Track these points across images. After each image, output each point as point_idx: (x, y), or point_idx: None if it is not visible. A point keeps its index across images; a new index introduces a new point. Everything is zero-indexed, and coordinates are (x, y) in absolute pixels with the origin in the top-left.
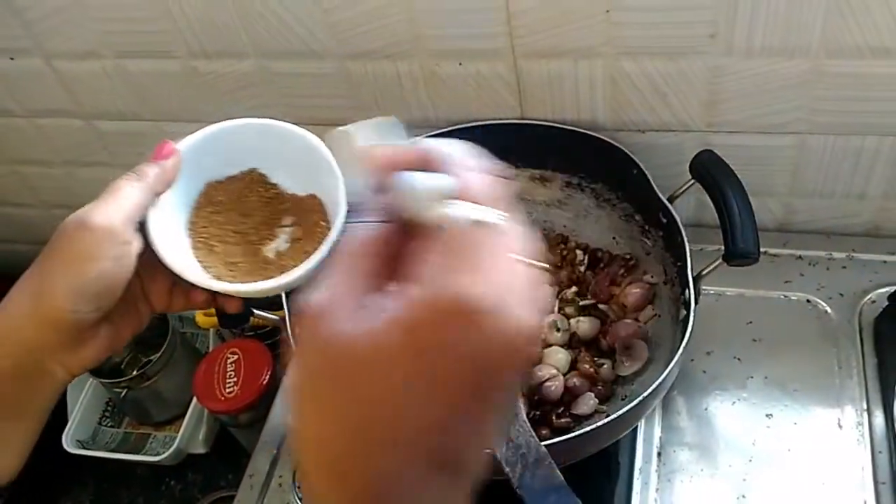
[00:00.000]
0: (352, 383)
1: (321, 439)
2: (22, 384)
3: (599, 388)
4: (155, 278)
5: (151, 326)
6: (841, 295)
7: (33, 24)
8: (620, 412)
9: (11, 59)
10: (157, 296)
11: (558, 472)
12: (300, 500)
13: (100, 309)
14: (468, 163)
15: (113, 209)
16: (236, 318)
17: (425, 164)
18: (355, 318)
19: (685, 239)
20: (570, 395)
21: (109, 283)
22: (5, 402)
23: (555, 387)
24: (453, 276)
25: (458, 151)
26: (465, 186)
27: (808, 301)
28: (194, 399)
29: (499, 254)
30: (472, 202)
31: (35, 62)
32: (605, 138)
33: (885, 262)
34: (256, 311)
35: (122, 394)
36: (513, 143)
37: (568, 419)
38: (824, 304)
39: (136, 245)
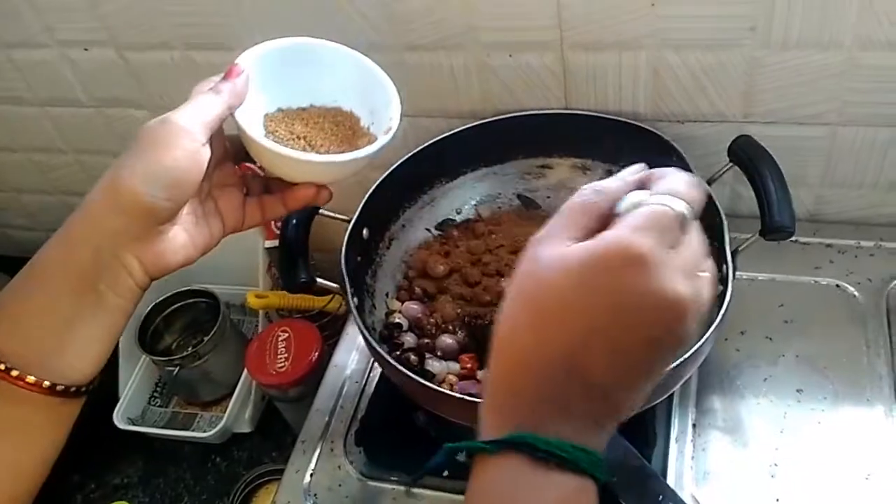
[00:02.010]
0: (533, 286)
1: (508, 314)
2: (101, 274)
3: None
4: (228, 195)
5: (203, 311)
6: (869, 280)
7: (109, 17)
8: None
9: (86, 49)
10: (229, 212)
11: None
12: (351, 463)
13: (171, 199)
14: (674, 173)
15: (191, 113)
16: (302, 284)
17: (650, 183)
18: (556, 249)
19: (723, 216)
20: None
21: (182, 175)
22: (85, 294)
23: None
24: (634, 233)
25: (674, 172)
26: (664, 185)
27: (837, 286)
28: (241, 380)
29: (681, 237)
30: (667, 195)
31: (107, 53)
32: (646, 126)
33: None
34: (319, 280)
35: (174, 372)
36: (557, 132)
37: None
38: (853, 289)
39: (208, 149)
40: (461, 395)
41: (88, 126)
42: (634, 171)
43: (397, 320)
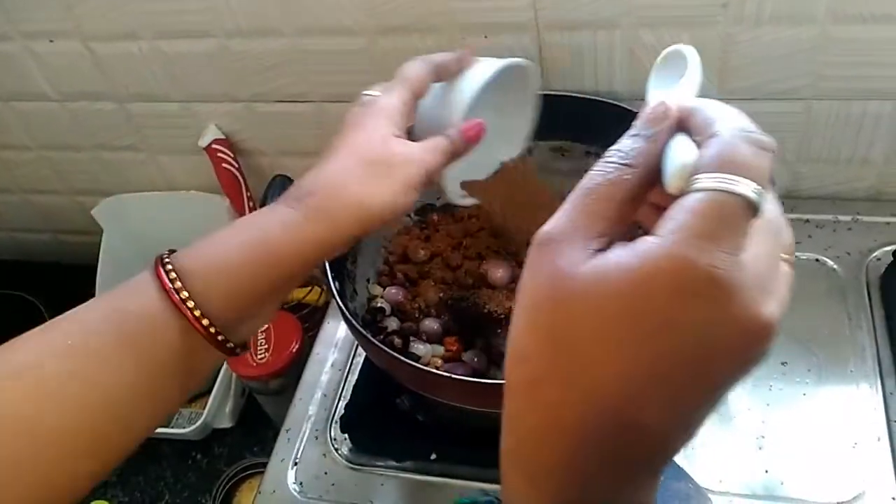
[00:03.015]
0: (560, 317)
1: (523, 354)
2: (329, 253)
3: None
4: None
5: None
6: (848, 254)
7: (75, 7)
8: None
9: (51, 41)
10: None
11: None
12: (336, 450)
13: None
14: (731, 130)
15: (419, 164)
16: None
17: (689, 125)
18: (582, 258)
19: None
20: None
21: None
22: (302, 272)
23: None
24: (703, 246)
25: (724, 116)
26: (721, 155)
27: (816, 260)
28: (220, 374)
29: (756, 236)
30: (728, 173)
31: (73, 44)
32: (624, 106)
33: (888, 223)
34: None
35: None
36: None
37: None
38: (832, 263)
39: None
40: (451, 375)
41: (54, 121)
42: (659, 117)
43: (380, 305)
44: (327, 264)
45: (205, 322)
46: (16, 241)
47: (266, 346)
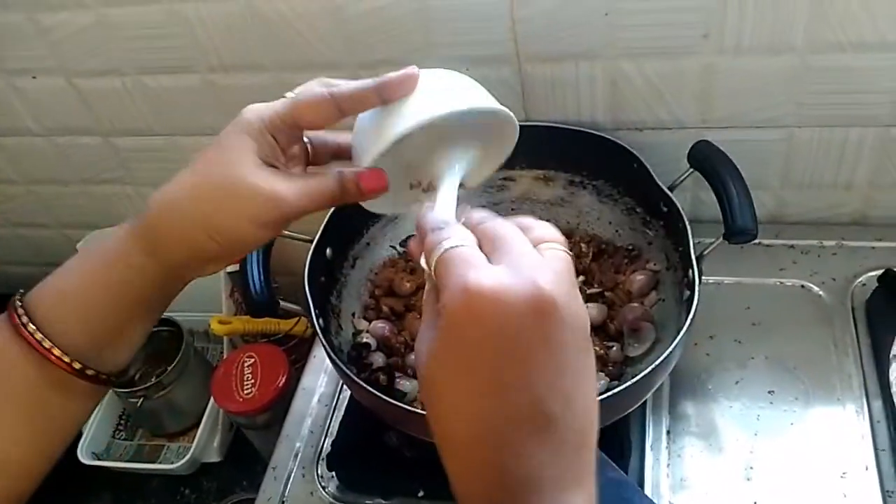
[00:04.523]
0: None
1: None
2: (162, 288)
3: (610, 368)
4: None
5: (165, 339)
6: (833, 279)
7: (58, 44)
8: (630, 382)
9: (33, 77)
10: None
11: None
12: (323, 488)
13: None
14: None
15: (300, 197)
16: (265, 306)
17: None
18: (427, 337)
19: (686, 222)
20: None
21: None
22: (148, 303)
23: None
24: (452, 282)
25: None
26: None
27: (802, 286)
28: (208, 408)
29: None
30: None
31: (57, 81)
32: (606, 136)
33: (873, 247)
34: (283, 303)
35: (139, 403)
36: (517, 144)
37: None
38: (818, 289)
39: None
40: None
41: (41, 155)
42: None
43: (365, 340)
44: (310, 300)
45: (47, 345)
46: (4, 273)
47: (252, 382)
